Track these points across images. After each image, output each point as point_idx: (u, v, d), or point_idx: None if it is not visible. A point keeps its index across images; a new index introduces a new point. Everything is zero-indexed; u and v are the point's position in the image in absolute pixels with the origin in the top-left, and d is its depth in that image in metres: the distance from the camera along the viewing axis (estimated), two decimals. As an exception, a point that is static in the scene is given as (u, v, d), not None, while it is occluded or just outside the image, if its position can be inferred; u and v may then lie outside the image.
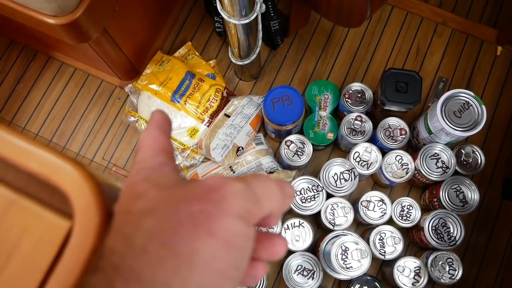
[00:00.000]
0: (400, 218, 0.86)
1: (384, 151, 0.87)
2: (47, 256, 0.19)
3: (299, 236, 0.84)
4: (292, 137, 0.88)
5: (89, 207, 0.19)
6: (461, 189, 0.85)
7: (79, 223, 0.19)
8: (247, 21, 0.75)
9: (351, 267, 0.76)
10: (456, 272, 0.82)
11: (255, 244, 0.23)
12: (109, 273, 0.19)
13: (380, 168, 0.86)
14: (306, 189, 0.84)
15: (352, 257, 0.77)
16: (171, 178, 0.23)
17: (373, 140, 0.90)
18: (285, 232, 0.84)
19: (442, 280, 0.82)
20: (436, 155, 0.85)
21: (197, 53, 1.04)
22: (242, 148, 0.92)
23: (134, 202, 0.21)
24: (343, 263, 0.77)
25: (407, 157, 0.85)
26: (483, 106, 0.78)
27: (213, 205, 0.21)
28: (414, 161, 0.85)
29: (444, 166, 0.84)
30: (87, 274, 0.19)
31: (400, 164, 0.85)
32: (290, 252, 0.84)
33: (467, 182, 0.85)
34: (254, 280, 0.25)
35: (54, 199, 0.20)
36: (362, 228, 0.94)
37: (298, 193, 0.84)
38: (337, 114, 0.97)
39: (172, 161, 0.25)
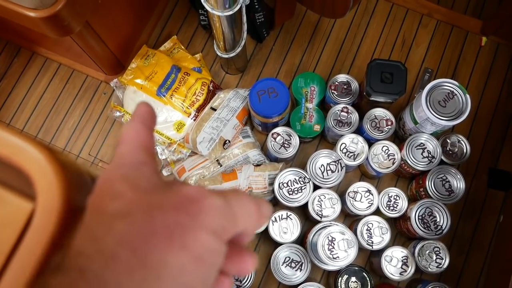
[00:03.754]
0: (387, 208, 0.87)
1: (370, 142, 0.87)
2: (9, 238, 0.19)
3: (286, 228, 0.84)
4: (278, 130, 0.88)
5: (52, 188, 0.19)
6: (447, 178, 0.85)
7: (41, 204, 0.19)
8: (230, 12, 0.74)
9: (338, 257, 0.77)
10: (443, 261, 0.82)
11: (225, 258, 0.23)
12: (74, 276, 0.18)
13: (367, 159, 0.86)
14: (293, 181, 0.84)
15: (338, 247, 0.77)
16: (150, 180, 0.23)
17: (359, 131, 0.90)
18: (273, 225, 0.84)
19: (429, 269, 0.82)
20: (422, 145, 0.85)
21: (182, 47, 1.03)
22: (229, 141, 0.92)
23: (109, 201, 0.21)
24: (330, 254, 0.77)
25: (393, 148, 0.86)
26: (468, 95, 0.79)
27: (189, 217, 0.21)
28: (400, 151, 0.85)
29: (430, 156, 0.85)
30: (49, 273, 0.19)
31: (386, 155, 0.86)
32: (278, 244, 0.84)
33: (453, 171, 0.85)
34: None
35: (18, 181, 0.20)
36: (350, 219, 0.95)
37: (285, 185, 0.84)
38: (324, 106, 0.97)
39: (153, 160, 0.25)
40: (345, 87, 0.92)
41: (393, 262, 0.82)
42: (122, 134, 0.25)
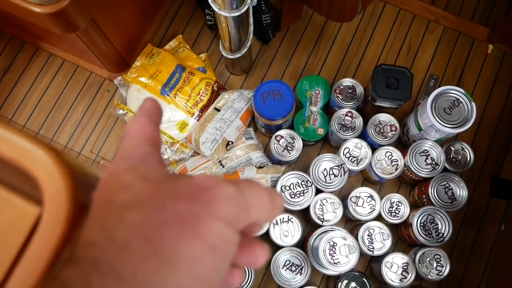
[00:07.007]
0: (389, 214, 0.86)
1: (374, 147, 0.87)
2: (15, 242, 0.18)
3: (287, 231, 0.84)
4: (282, 132, 0.88)
5: (59, 193, 0.19)
6: (450, 186, 0.85)
7: (49, 209, 0.18)
8: (237, 13, 0.74)
9: (339, 262, 0.76)
10: (444, 268, 0.82)
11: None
12: (86, 267, 0.18)
13: (370, 164, 0.86)
14: (296, 184, 0.84)
15: (340, 253, 0.76)
16: (158, 171, 0.22)
17: (363, 136, 0.89)
18: (274, 227, 0.83)
19: (429, 276, 0.82)
20: (425, 151, 0.85)
21: (187, 46, 1.03)
22: (232, 143, 0.91)
23: (118, 192, 0.20)
24: (331, 259, 0.76)
25: (396, 154, 0.85)
26: (473, 103, 0.78)
27: (201, 206, 0.20)
28: (404, 157, 0.85)
29: (433, 163, 0.84)
30: (60, 265, 0.18)
31: (389, 161, 0.85)
32: (278, 247, 0.83)
33: (456, 179, 0.85)
34: (229, 287, 0.24)
35: (25, 185, 0.20)
36: (351, 224, 0.94)
37: (287, 188, 0.83)
38: (328, 110, 0.97)
39: (158, 153, 0.24)
40: (350, 91, 0.91)
41: (394, 268, 0.82)
42: (127, 128, 0.24)
